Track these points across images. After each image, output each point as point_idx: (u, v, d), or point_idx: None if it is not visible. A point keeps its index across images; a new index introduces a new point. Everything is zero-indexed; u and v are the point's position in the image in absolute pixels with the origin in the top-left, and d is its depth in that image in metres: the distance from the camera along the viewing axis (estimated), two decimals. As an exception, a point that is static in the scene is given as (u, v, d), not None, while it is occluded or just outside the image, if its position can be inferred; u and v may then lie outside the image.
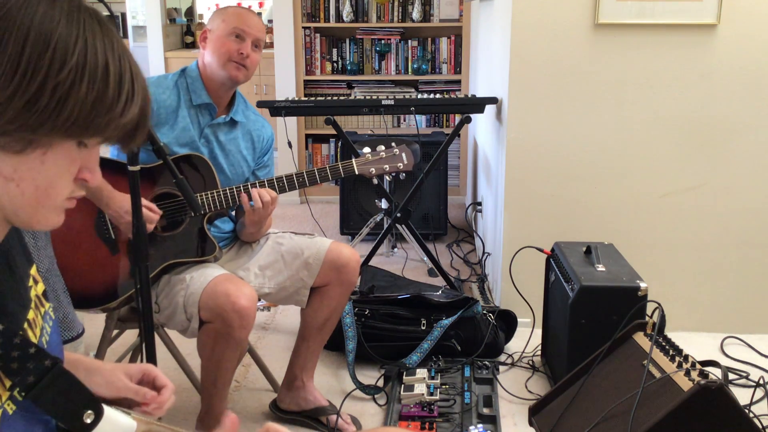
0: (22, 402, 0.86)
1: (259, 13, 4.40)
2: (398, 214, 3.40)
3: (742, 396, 2.35)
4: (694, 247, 2.94)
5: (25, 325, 0.91)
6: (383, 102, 3.29)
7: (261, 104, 3.20)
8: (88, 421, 0.86)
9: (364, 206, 4.12)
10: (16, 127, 0.76)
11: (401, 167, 2.19)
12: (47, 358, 0.85)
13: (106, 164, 1.68)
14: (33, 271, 0.97)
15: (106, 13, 0.84)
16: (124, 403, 1.06)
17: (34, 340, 0.92)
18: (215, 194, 2.07)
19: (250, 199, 2.07)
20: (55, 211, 0.84)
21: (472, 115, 3.39)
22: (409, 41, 4.99)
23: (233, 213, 2.30)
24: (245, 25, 2.11)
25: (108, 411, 0.90)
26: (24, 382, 0.82)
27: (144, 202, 1.93)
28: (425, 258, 3.59)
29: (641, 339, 1.92)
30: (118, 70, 0.79)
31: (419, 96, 4.30)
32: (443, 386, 2.47)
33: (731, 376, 2.62)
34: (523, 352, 2.75)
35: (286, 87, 4.94)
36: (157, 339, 2.01)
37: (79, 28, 0.77)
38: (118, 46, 0.81)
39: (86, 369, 1.05)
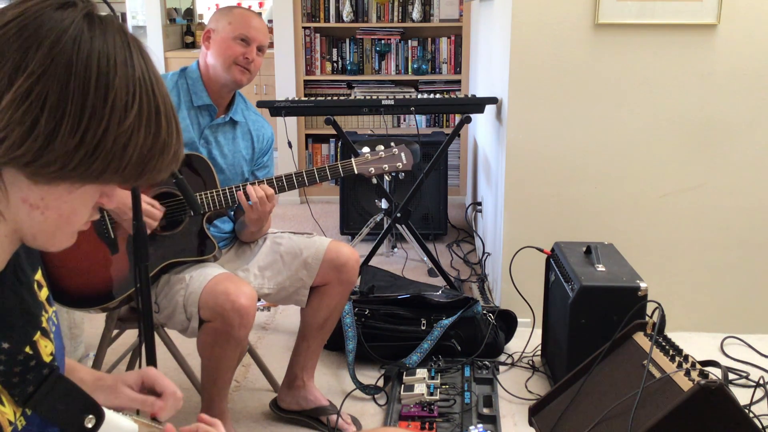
0: (30, 416, 0.86)
1: (259, 13, 4.37)
2: (398, 214, 3.40)
3: (742, 396, 2.35)
4: (694, 247, 2.94)
5: (37, 335, 0.90)
6: (383, 102, 3.29)
7: (261, 104, 3.20)
8: (90, 425, 0.86)
9: (364, 206, 4.12)
10: (79, 174, 0.76)
11: (400, 167, 2.19)
12: (45, 367, 0.85)
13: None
14: (38, 276, 0.97)
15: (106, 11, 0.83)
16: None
17: (46, 350, 0.92)
18: (214, 194, 2.07)
19: (248, 198, 2.07)
20: (72, 235, 0.85)
21: (472, 115, 3.39)
22: (409, 41, 4.99)
23: (232, 213, 2.30)
24: (252, 30, 2.11)
25: (109, 414, 0.90)
26: (24, 393, 0.82)
27: (146, 199, 1.93)
28: (425, 258, 3.59)
29: (641, 339, 1.92)
30: (164, 109, 0.79)
31: (419, 96, 4.30)
32: (443, 386, 2.46)
33: (731, 376, 2.62)
34: (523, 352, 2.75)
35: (286, 87, 4.94)
36: (157, 339, 2.01)
37: (134, 68, 0.76)
38: (159, 79, 0.80)
39: (86, 389, 1.05)
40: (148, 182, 0.82)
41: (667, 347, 1.80)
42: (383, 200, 3.71)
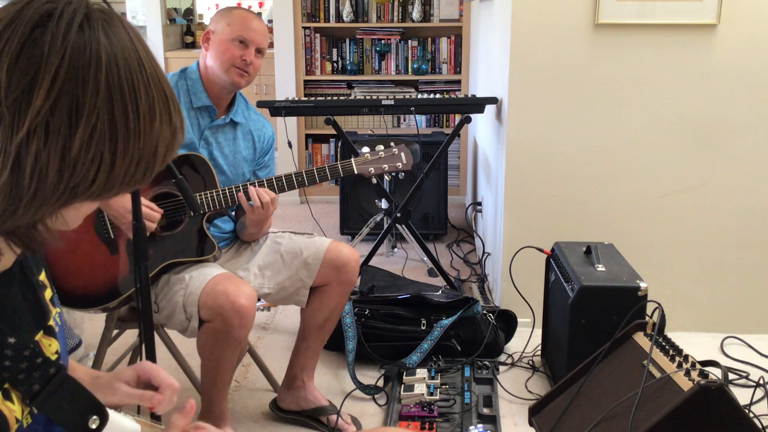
0: (36, 414, 0.86)
1: (259, 13, 4.37)
2: (398, 214, 3.40)
3: (742, 396, 2.35)
4: (694, 247, 2.94)
5: (39, 335, 0.91)
6: (383, 102, 3.29)
7: (261, 104, 3.20)
8: (93, 426, 0.86)
9: (364, 206, 4.12)
10: (128, 185, 0.78)
11: (400, 167, 2.19)
12: (52, 366, 0.85)
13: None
14: (42, 276, 0.97)
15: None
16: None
17: (51, 348, 0.92)
18: (214, 194, 2.07)
19: (249, 199, 2.07)
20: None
21: (472, 115, 3.39)
22: (409, 41, 4.99)
23: (233, 213, 2.30)
24: (250, 32, 2.10)
25: (113, 415, 0.90)
26: (30, 391, 0.83)
27: (144, 201, 1.93)
28: (425, 258, 3.59)
29: (641, 339, 1.92)
30: (169, 93, 0.79)
31: (419, 96, 4.30)
32: (443, 386, 2.46)
33: (731, 376, 2.62)
34: (523, 352, 2.75)
35: (286, 87, 4.94)
36: (157, 339, 2.01)
37: (145, 66, 0.76)
38: (157, 63, 0.80)
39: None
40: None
41: (667, 347, 1.80)
42: (383, 200, 3.71)
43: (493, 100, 3.18)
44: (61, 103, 0.71)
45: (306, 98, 3.62)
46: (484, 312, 2.77)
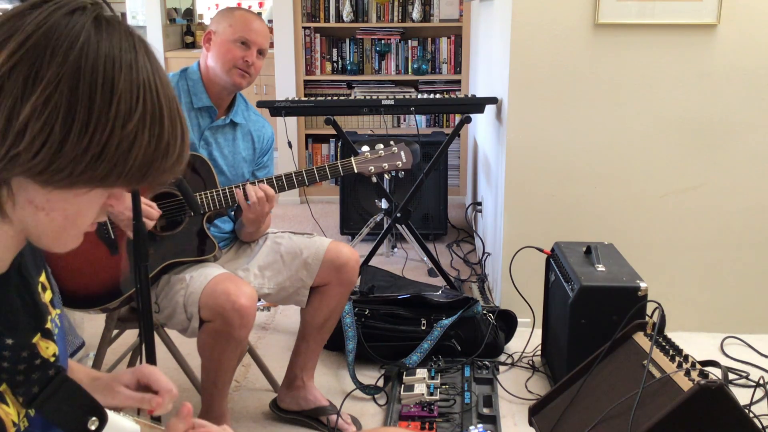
0: (33, 418, 0.86)
1: (259, 13, 4.38)
2: (398, 214, 3.40)
3: (742, 396, 2.35)
4: (694, 247, 2.94)
5: (37, 338, 0.91)
6: (383, 102, 3.29)
7: (261, 104, 3.20)
8: (93, 427, 0.86)
9: (364, 206, 4.12)
10: (85, 179, 0.76)
11: (400, 165, 2.19)
12: (51, 368, 0.85)
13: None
14: (43, 278, 0.97)
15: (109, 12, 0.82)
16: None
17: (48, 351, 0.92)
18: (214, 194, 2.07)
19: (247, 197, 2.07)
20: (77, 236, 0.85)
21: (472, 115, 3.39)
22: (409, 41, 4.99)
23: (233, 213, 2.30)
24: (252, 33, 2.10)
25: (112, 417, 0.90)
26: (29, 393, 0.83)
27: (143, 200, 1.93)
28: (425, 258, 3.59)
29: (641, 339, 1.92)
30: (168, 111, 0.79)
31: (419, 96, 4.30)
32: (443, 386, 2.46)
33: (731, 376, 2.62)
34: (523, 352, 2.75)
35: (286, 87, 4.94)
36: (157, 339, 2.01)
37: (139, 71, 0.76)
38: (165, 81, 0.79)
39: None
40: (152, 184, 0.81)
41: (667, 347, 1.80)
42: (383, 200, 3.71)
43: (493, 100, 3.18)
44: (21, 66, 0.71)
45: (306, 98, 3.62)
46: (484, 312, 2.77)
